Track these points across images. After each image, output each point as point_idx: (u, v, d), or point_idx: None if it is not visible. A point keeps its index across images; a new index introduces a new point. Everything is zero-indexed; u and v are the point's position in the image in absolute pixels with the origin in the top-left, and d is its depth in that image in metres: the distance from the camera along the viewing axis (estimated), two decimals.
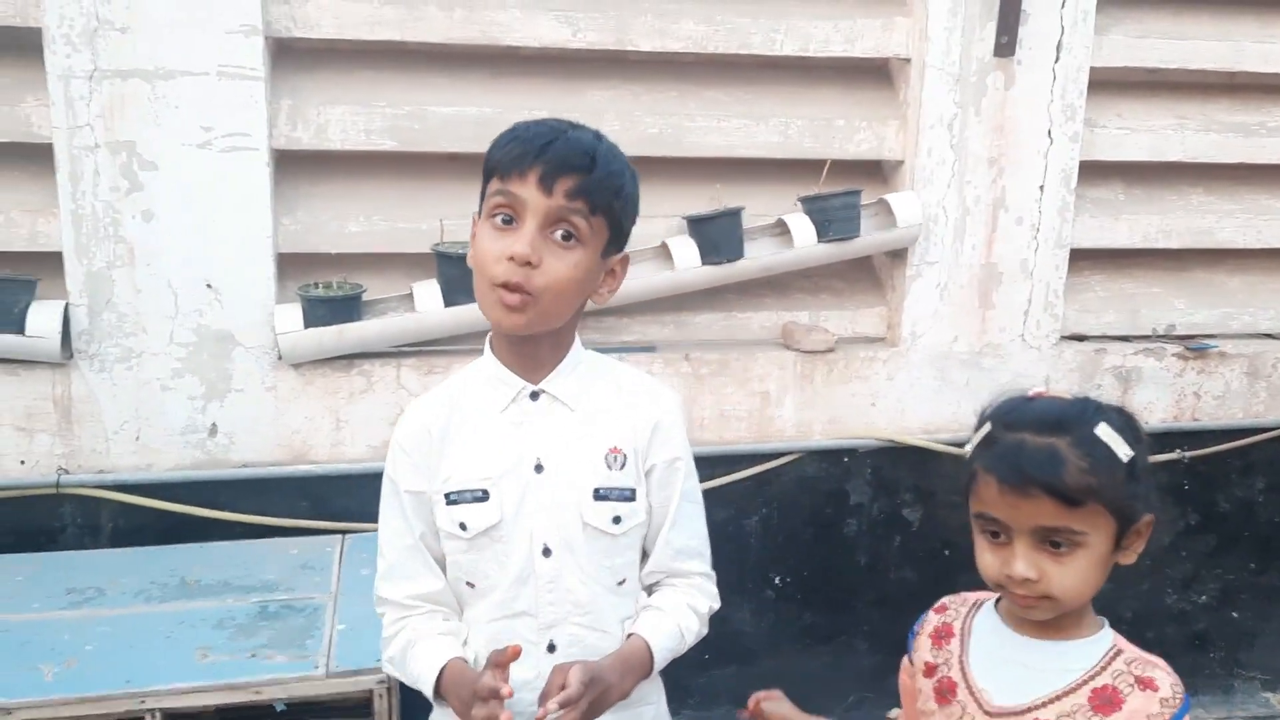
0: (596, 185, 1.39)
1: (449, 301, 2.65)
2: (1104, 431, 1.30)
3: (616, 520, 1.49)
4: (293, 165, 2.70)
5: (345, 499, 2.75)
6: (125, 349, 2.59)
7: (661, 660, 1.51)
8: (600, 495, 1.48)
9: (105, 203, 2.52)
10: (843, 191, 2.85)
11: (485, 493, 1.46)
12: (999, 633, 1.41)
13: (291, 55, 2.67)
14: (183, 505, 2.65)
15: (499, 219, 1.40)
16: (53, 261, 2.55)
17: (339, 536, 2.67)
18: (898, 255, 3.02)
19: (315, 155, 2.70)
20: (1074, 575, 1.29)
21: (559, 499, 1.48)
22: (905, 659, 1.53)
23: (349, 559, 2.55)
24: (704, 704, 3.05)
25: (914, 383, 3.05)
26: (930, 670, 1.45)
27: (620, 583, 1.53)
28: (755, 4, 2.85)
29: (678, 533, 1.56)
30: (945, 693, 1.41)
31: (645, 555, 1.58)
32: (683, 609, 1.55)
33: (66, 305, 2.54)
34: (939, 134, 2.93)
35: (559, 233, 1.39)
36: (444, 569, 1.55)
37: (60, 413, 2.59)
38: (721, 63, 2.91)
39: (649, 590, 1.59)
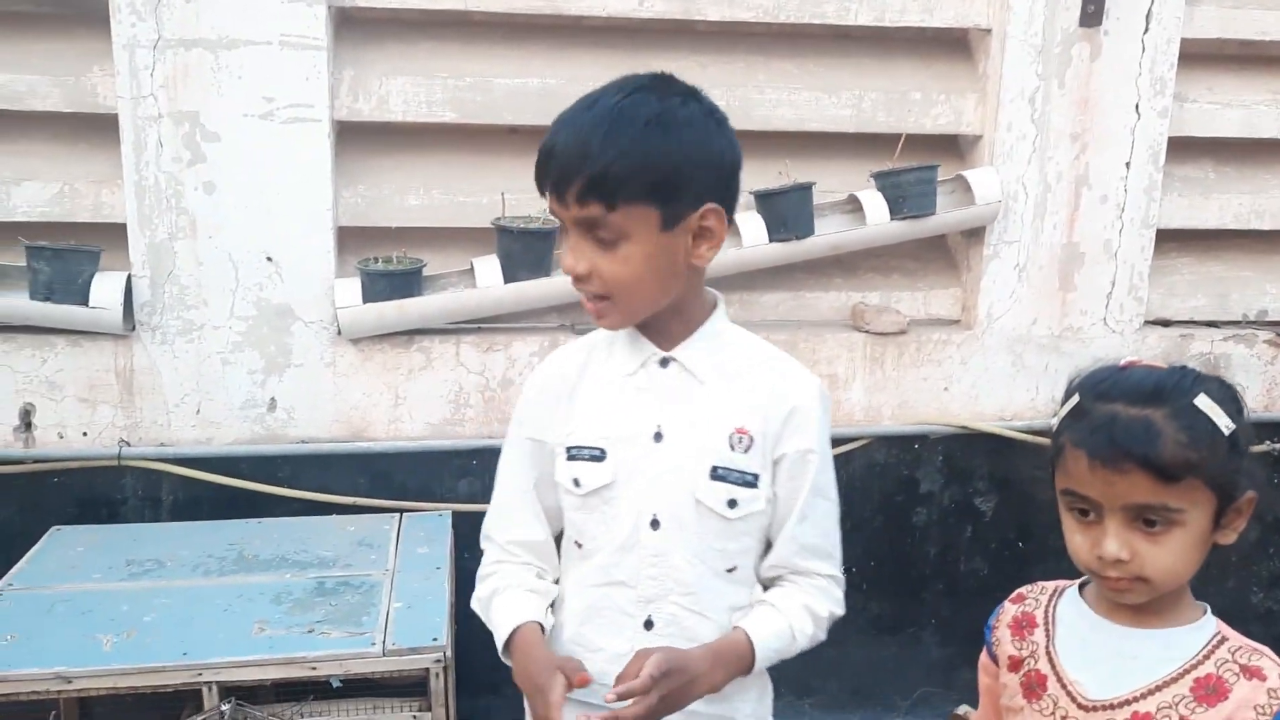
0: (601, 181, 1.29)
1: (509, 277, 2.60)
2: (1204, 402, 1.20)
3: (732, 504, 1.41)
4: (354, 137, 2.67)
5: (404, 476, 2.72)
6: (186, 322, 2.58)
7: (765, 659, 1.42)
8: (718, 475, 1.40)
9: (168, 174, 2.51)
10: (918, 167, 2.75)
11: (602, 453, 1.42)
12: (1088, 620, 1.31)
13: (354, 25, 2.64)
14: (242, 480, 2.64)
15: (567, 232, 1.40)
16: (117, 233, 2.55)
17: (396, 515, 2.64)
18: (974, 234, 2.90)
19: (376, 127, 2.66)
20: (1170, 555, 1.20)
21: (674, 472, 1.41)
22: (984, 655, 1.44)
23: (406, 537, 2.52)
24: None
25: (989, 367, 2.93)
26: (1015, 664, 1.36)
27: (730, 569, 1.45)
28: None
29: (805, 529, 1.46)
30: (1034, 687, 1.32)
31: (769, 547, 1.49)
32: (798, 609, 1.45)
33: (129, 277, 2.53)
34: (1020, 108, 2.80)
35: (593, 237, 1.34)
36: (557, 525, 1.53)
37: (122, 385, 2.59)
38: (792, 33, 2.81)
39: (766, 586, 1.51)
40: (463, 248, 2.72)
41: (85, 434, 2.60)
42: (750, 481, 1.42)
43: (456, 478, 2.74)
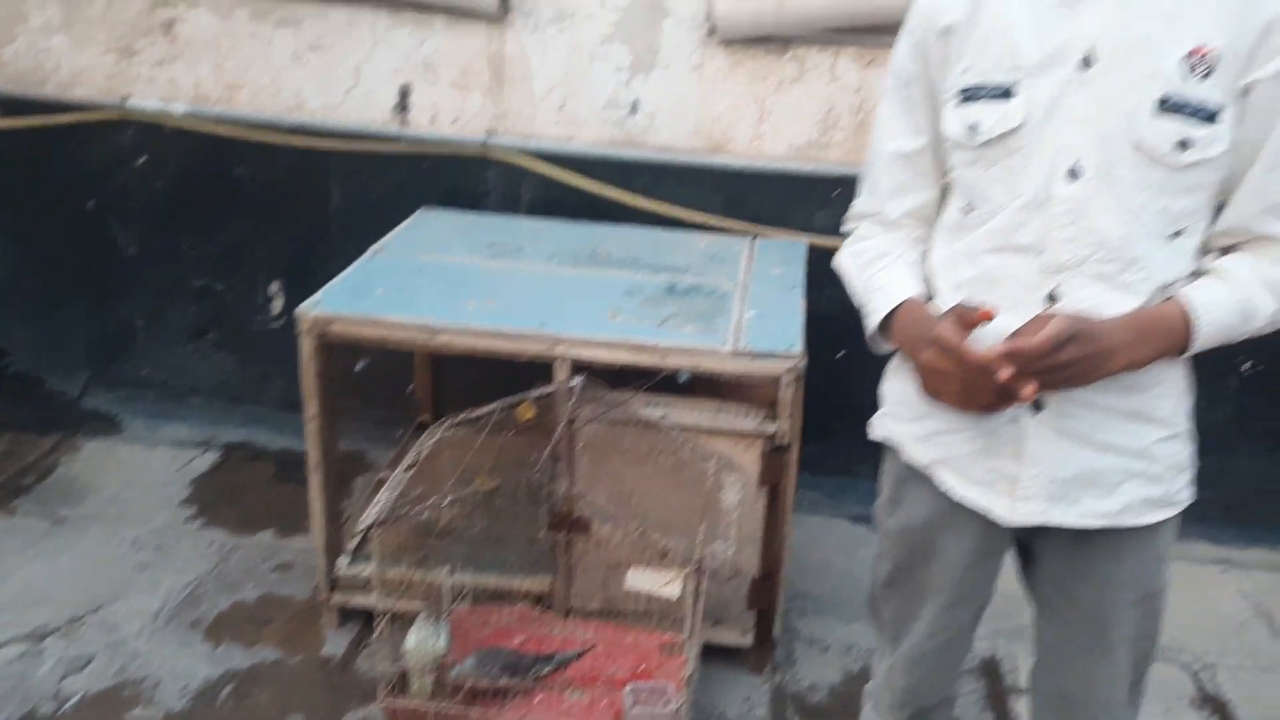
0: None
1: None
2: None
3: (1183, 145, 1.10)
4: None
5: (759, 199, 2.56)
6: (559, 9, 2.48)
7: (1207, 337, 1.14)
8: (1169, 106, 1.09)
9: None
10: None
11: (1010, 88, 1.13)
12: None
13: None
14: (599, 183, 2.58)
15: None
16: None
17: (749, 238, 2.50)
18: None
19: None
20: None
21: (1109, 106, 1.11)
22: None
23: (759, 257, 2.38)
24: None
25: None
26: None
27: (1175, 234, 1.15)
28: None
29: (1275, 179, 1.13)
30: None
31: (1219, 208, 1.18)
32: (1257, 284, 1.14)
33: None
34: None
35: None
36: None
37: (493, 72, 2.55)
38: None
39: (1218, 254, 1.20)
40: None
41: (455, 120, 2.61)
42: (1209, 116, 1.09)
43: (816, 208, 2.54)
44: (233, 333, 2.87)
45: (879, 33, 2.41)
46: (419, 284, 2.15)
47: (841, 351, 2.49)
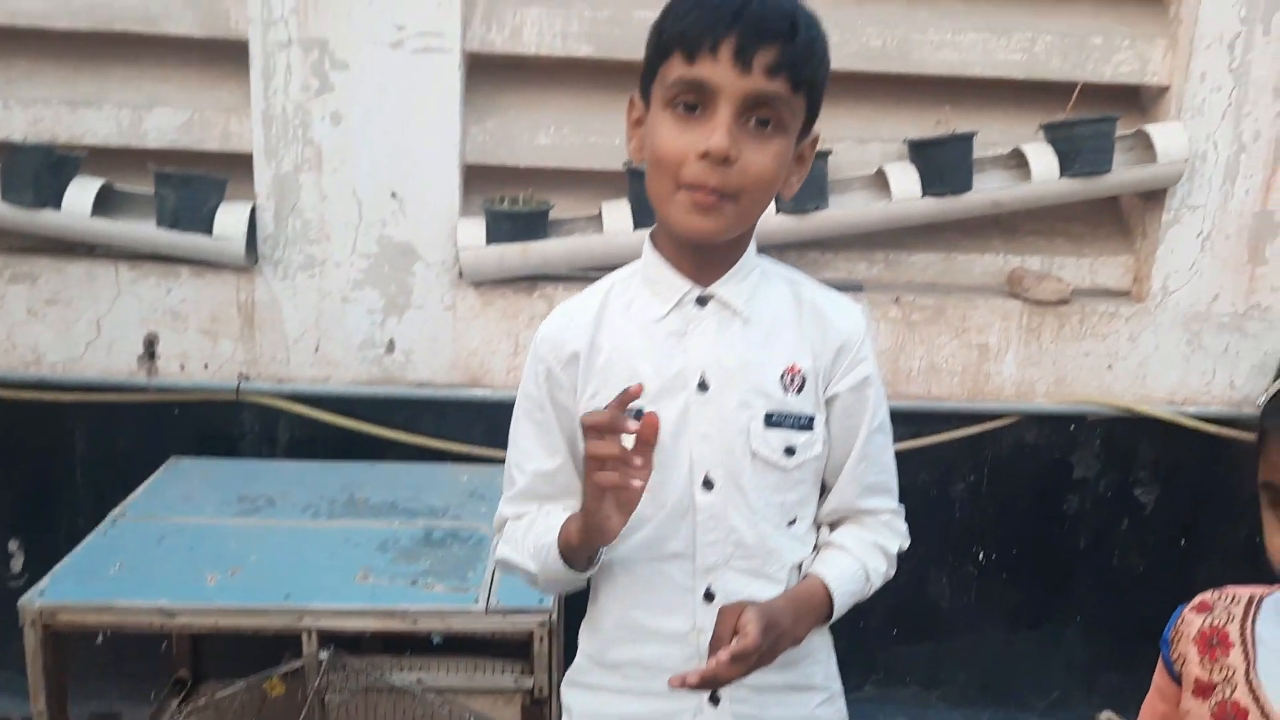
0: (801, 56, 1.13)
1: (640, 223, 2.45)
2: None
3: (789, 452, 1.25)
4: (485, 70, 2.54)
5: None
6: (309, 256, 2.52)
7: (842, 605, 1.28)
8: (773, 421, 1.24)
9: (295, 103, 2.44)
10: (1095, 119, 2.47)
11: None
12: None
13: None
14: (358, 421, 2.58)
15: (680, 107, 1.15)
16: (243, 163, 2.49)
17: None
18: (1153, 197, 2.61)
19: (509, 60, 2.53)
20: None
21: (725, 423, 1.24)
22: (1160, 674, 1.24)
23: None
24: (889, 680, 2.78)
25: (1161, 345, 2.65)
26: (1204, 690, 1.15)
27: (791, 522, 1.30)
28: None
29: (866, 468, 1.31)
30: None
31: (823, 490, 1.34)
32: (868, 547, 1.32)
33: (254, 207, 2.48)
34: (1216, 55, 2.50)
35: (754, 119, 1.14)
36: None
37: (244, 318, 2.55)
38: None
39: (829, 528, 1.36)
40: (593, 191, 2.58)
41: (206, 366, 2.57)
42: (806, 424, 1.26)
43: None
44: None
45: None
46: (158, 556, 2.07)
47: None
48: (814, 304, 1.30)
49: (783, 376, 1.25)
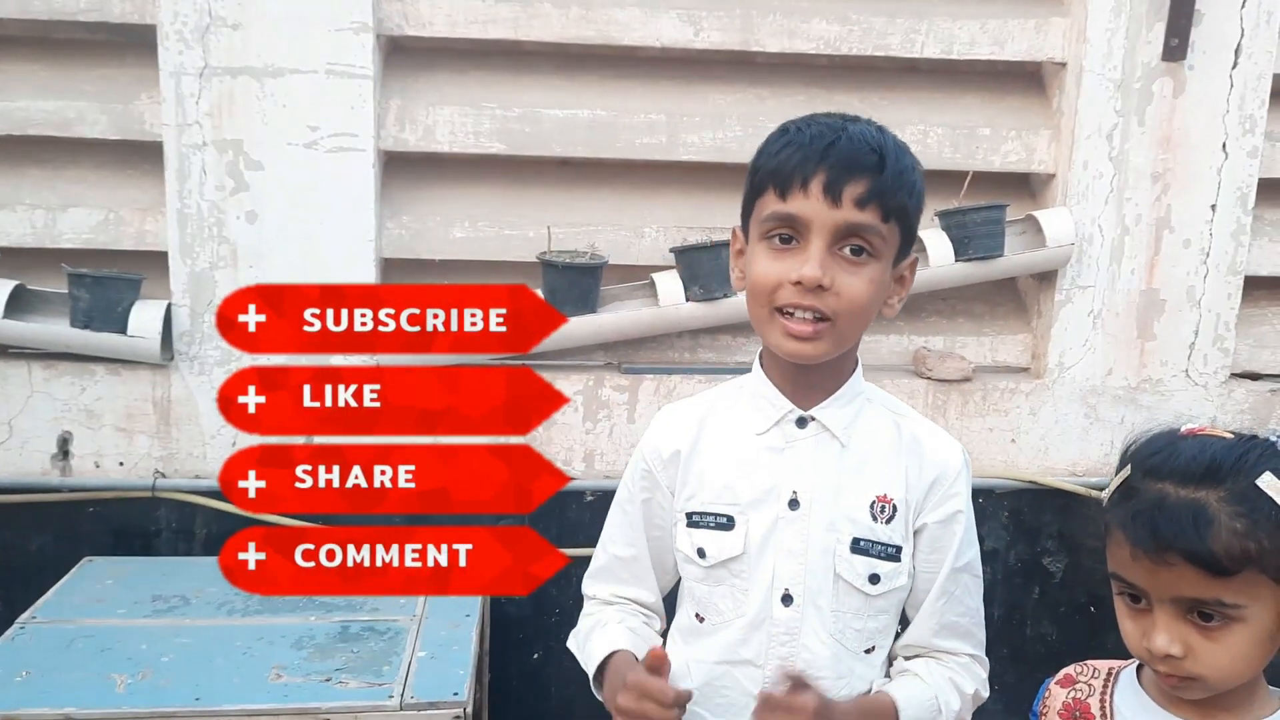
0: (889, 188, 1.20)
1: None
2: (1268, 482, 1.06)
3: (874, 579, 1.30)
4: (399, 167, 2.61)
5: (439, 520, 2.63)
6: (225, 352, 2.53)
7: None
8: (859, 548, 1.29)
9: (211, 202, 2.47)
10: (985, 206, 2.60)
11: (730, 520, 1.30)
12: (1151, 713, 1.17)
13: (402, 54, 2.59)
14: (275, 515, 2.57)
15: (776, 239, 1.24)
16: (159, 261, 2.52)
17: None
18: (1046, 278, 2.74)
19: (422, 157, 2.61)
20: (1228, 654, 1.06)
21: (811, 542, 1.29)
22: None
23: None
24: None
25: (1060, 419, 2.76)
26: None
27: (869, 650, 1.33)
28: (894, 2, 2.63)
29: (947, 605, 1.33)
30: None
31: (904, 622, 1.38)
32: (944, 683, 1.32)
33: (169, 306, 2.50)
34: (1097, 145, 2.65)
35: (849, 248, 1.22)
36: (668, 584, 1.45)
37: (159, 415, 2.55)
38: (855, 65, 2.70)
39: (904, 660, 1.39)
40: (508, 282, 2.63)
41: (121, 464, 2.56)
42: (893, 555, 1.30)
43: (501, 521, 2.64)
44: None
45: (536, 359, 2.61)
46: (67, 661, 2.04)
47: (536, 653, 2.56)
48: (914, 436, 1.34)
49: (873, 505, 1.30)
